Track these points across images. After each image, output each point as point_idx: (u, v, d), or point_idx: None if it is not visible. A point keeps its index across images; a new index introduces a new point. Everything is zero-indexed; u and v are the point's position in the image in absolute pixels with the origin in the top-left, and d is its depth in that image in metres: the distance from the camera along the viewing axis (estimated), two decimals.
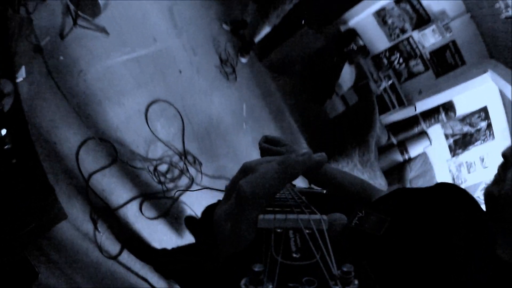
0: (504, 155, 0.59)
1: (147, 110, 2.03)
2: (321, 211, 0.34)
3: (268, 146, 0.80)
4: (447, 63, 3.71)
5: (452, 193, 0.63)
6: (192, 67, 2.49)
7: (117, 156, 1.71)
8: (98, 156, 1.62)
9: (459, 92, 3.68)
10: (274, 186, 0.29)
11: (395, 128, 4.54)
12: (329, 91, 4.14)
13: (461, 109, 4.01)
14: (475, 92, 3.72)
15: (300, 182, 1.98)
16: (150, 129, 2.01)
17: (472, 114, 4.03)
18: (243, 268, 0.22)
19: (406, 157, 4.54)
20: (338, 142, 3.74)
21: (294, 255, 0.25)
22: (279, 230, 0.29)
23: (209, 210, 1.25)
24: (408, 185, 4.42)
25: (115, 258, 1.48)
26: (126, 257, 1.53)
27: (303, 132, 3.81)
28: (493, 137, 4.06)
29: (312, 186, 0.85)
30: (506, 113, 3.74)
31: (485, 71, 3.25)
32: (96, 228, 1.43)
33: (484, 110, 3.94)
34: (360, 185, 0.83)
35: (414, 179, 4.68)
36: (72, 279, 1.25)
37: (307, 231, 0.29)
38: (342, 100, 4.56)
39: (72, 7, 1.41)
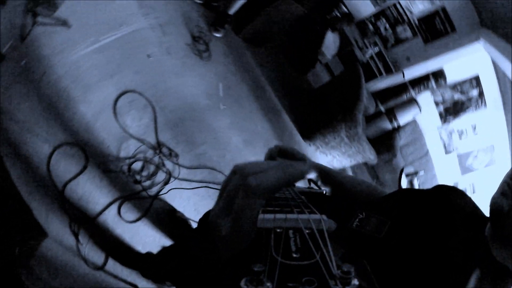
0: None
1: (115, 104, 2.09)
2: (321, 211, 0.37)
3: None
4: (437, 30, 3.82)
5: (451, 195, 0.68)
6: (162, 48, 2.50)
7: (88, 160, 1.80)
8: (70, 162, 1.70)
9: (450, 60, 3.84)
10: (275, 185, 0.36)
11: (383, 95, 4.73)
12: (312, 60, 4.23)
13: (452, 77, 4.18)
14: (467, 60, 3.89)
15: (300, 182, 2.15)
16: (120, 124, 2.08)
17: (464, 82, 4.21)
18: (243, 268, 0.24)
19: (395, 124, 4.78)
20: (324, 115, 3.89)
21: (294, 255, 0.26)
22: (279, 230, 0.32)
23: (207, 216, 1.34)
24: (398, 153, 4.72)
25: (101, 268, 1.63)
26: (112, 265, 1.68)
27: (285, 106, 3.93)
28: (485, 105, 4.29)
29: (312, 186, 0.90)
30: (499, 82, 3.95)
31: (477, 40, 3.40)
32: (77, 240, 1.57)
33: (476, 78, 4.13)
34: (366, 186, 0.91)
35: (404, 147, 4.98)
36: None
37: (307, 231, 0.31)
38: (326, 69, 4.68)
39: (30, 4, 1.41)
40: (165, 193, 2.10)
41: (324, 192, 0.84)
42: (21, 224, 1.23)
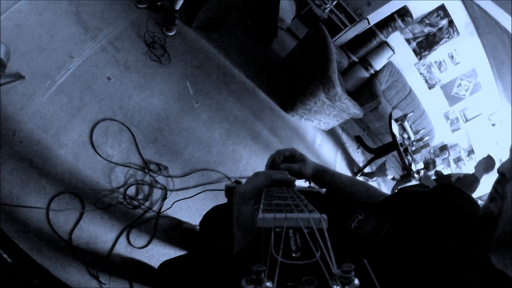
0: (500, 171, 0.63)
1: (91, 139, 2.15)
2: (321, 210, 0.38)
3: (288, 165, 0.93)
4: None
5: (451, 196, 0.71)
6: (120, 66, 2.53)
7: (84, 203, 1.89)
8: (67, 211, 1.80)
9: None
10: (260, 187, 0.58)
11: (353, 45, 4.82)
12: (272, 29, 4.26)
13: (417, 12, 4.28)
14: None
15: (300, 181, 2.28)
16: (102, 157, 2.16)
17: (430, 14, 4.32)
18: (243, 267, 0.25)
19: (372, 71, 4.91)
20: (299, 83, 3.98)
21: (294, 254, 0.27)
22: (278, 230, 0.33)
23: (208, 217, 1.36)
24: (382, 99, 4.88)
25: None
26: None
27: (258, 83, 3.99)
28: (458, 33, 4.43)
29: (312, 185, 0.95)
30: (466, 8, 4.02)
31: None
32: (100, 282, 1.70)
33: (442, 8, 4.23)
34: (364, 186, 0.97)
35: (386, 90, 5.14)
36: None
37: (307, 230, 0.32)
38: (290, 34, 4.71)
39: None
40: (169, 208, 2.22)
41: (324, 192, 0.89)
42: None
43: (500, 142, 5.06)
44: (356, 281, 0.23)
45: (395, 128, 4.00)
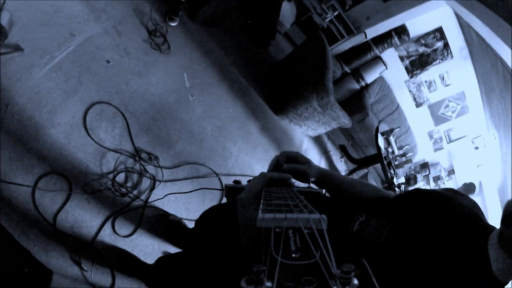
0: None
1: (85, 121, 2.07)
2: (320, 210, 0.38)
3: (293, 165, 0.90)
4: None
5: (452, 201, 0.71)
6: (120, 50, 2.45)
7: (72, 186, 1.81)
8: (54, 193, 1.71)
9: (412, 16, 3.96)
10: (260, 189, 0.58)
11: (347, 56, 4.85)
12: (271, 31, 4.25)
13: (415, 31, 4.34)
14: (429, 15, 4.02)
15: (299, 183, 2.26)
16: (94, 141, 2.08)
17: (427, 34, 4.38)
18: (243, 267, 0.25)
19: (363, 83, 4.95)
20: (293, 88, 3.98)
21: (294, 254, 0.27)
22: (278, 230, 0.33)
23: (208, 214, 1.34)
24: (369, 112, 4.94)
25: None
26: (121, 283, 1.76)
27: (252, 84, 3.97)
28: (452, 56, 4.51)
29: (311, 185, 0.94)
30: (463, 32, 4.11)
31: None
32: (82, 269, 1.62)
33: (439, 30, 4.30)
34: (369, 189, 0.94)
35: (375, 104, 5.20)
36: None
37: (307, 230, 0.32)
38: (287, 38, 4.71)
39: None
40: (160, 199, 2.17)
41: (324, 192, 0.89)
42: (27, 271, 1.26)
43: (482, 165, 5.18)
44: (356, 282, 0.23)
45: (381, 141, 4.06)
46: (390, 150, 4.19)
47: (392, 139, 4.18)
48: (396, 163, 4.20)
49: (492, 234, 0.60)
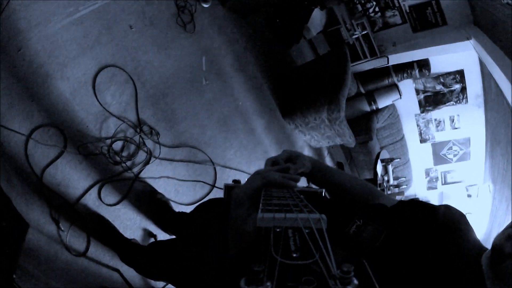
0: None
1: (94, 80, 2.00)
2: (320, 210, 0.37)
3: (294, 166, 0.86)
4: (427, 20, 3.86)
5: (453, 217, 0.70)
6: (145, 18, 2.37)
7: (67, 142, 1.75)
8: (48, 146, 1.65)
9: (437, 52, 3.91)
10: (255, 188, 0.54)
11: (365, 77, 4.82)
12: (296, 35, 4.18)
13: (437, 68, 4.30)
14: (454, 55, 3.98)
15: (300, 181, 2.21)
16: (99, 102, 2.01)
17: (448, 74, 4.34)
18: (243, 267, 0.25)
19: (374, 107, 4.91)
20: (306, 95, 3.93)
21: (293, 254, 0.27)
22: (278, 230, 0.32)
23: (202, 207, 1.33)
24: (374, 136, 4.91)
25: (84, 255, 1.64)
26: (94, 251, 1.70)
27: (267, 81, 3.90)
28: (467, 101, 4.47)
29: (311, 185, 0.93)
30: (483, 81, 4.07)
31: (468, 38, 3.44)
32: (59, 227, 1.56)
33: (460, 73, 4.26)
34: (367, 188, 0.94)
35: (381, 130, 5.17)
36: (48, 285, 1.42)
37: (306, 230, 0.32)
38: (310, 45, 4.65)
39: None
40: (155, 178, 2.11)
41: (323, 192, 0.86)
42: (5, 225, 1.20)
43: (471, 214, 5.13)
44: (355, 281, 0.22)
45: (379, 167, 4.02)
46: (386, 178, 4.15)
47: (390, 168, 4.14)
48: (389, 192, 4.16)
49: (484, 256, 0.60)
